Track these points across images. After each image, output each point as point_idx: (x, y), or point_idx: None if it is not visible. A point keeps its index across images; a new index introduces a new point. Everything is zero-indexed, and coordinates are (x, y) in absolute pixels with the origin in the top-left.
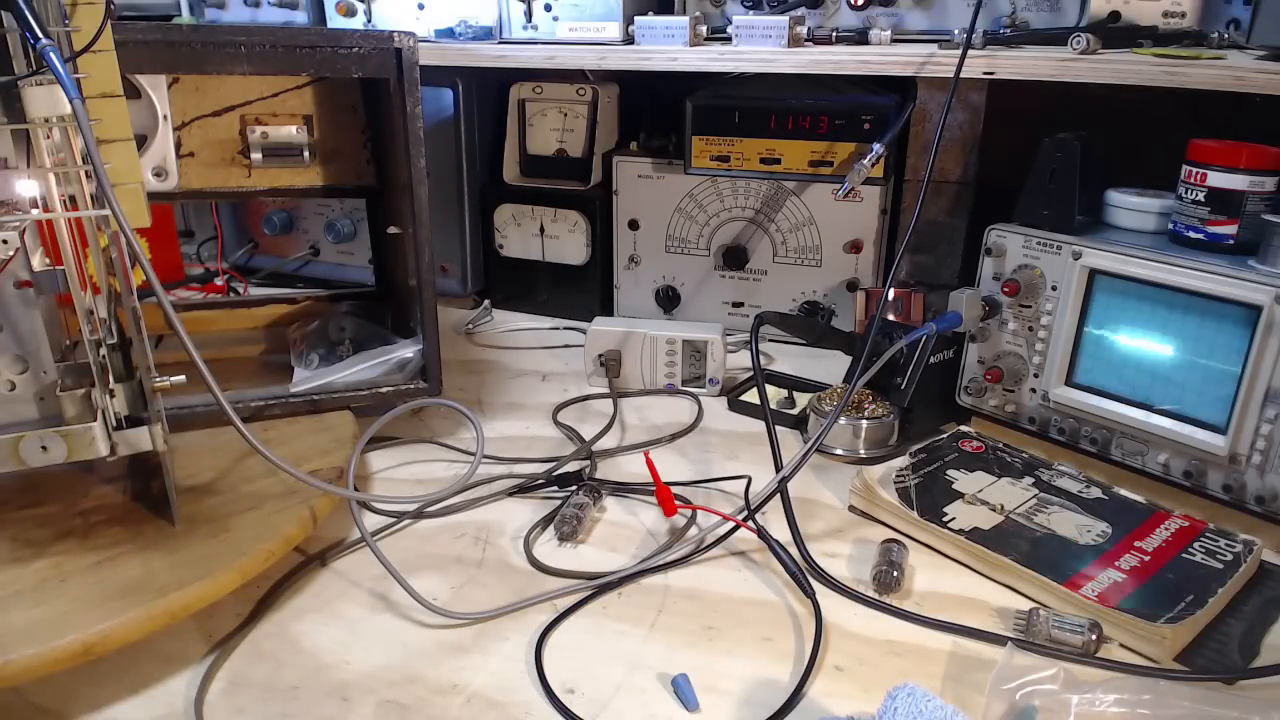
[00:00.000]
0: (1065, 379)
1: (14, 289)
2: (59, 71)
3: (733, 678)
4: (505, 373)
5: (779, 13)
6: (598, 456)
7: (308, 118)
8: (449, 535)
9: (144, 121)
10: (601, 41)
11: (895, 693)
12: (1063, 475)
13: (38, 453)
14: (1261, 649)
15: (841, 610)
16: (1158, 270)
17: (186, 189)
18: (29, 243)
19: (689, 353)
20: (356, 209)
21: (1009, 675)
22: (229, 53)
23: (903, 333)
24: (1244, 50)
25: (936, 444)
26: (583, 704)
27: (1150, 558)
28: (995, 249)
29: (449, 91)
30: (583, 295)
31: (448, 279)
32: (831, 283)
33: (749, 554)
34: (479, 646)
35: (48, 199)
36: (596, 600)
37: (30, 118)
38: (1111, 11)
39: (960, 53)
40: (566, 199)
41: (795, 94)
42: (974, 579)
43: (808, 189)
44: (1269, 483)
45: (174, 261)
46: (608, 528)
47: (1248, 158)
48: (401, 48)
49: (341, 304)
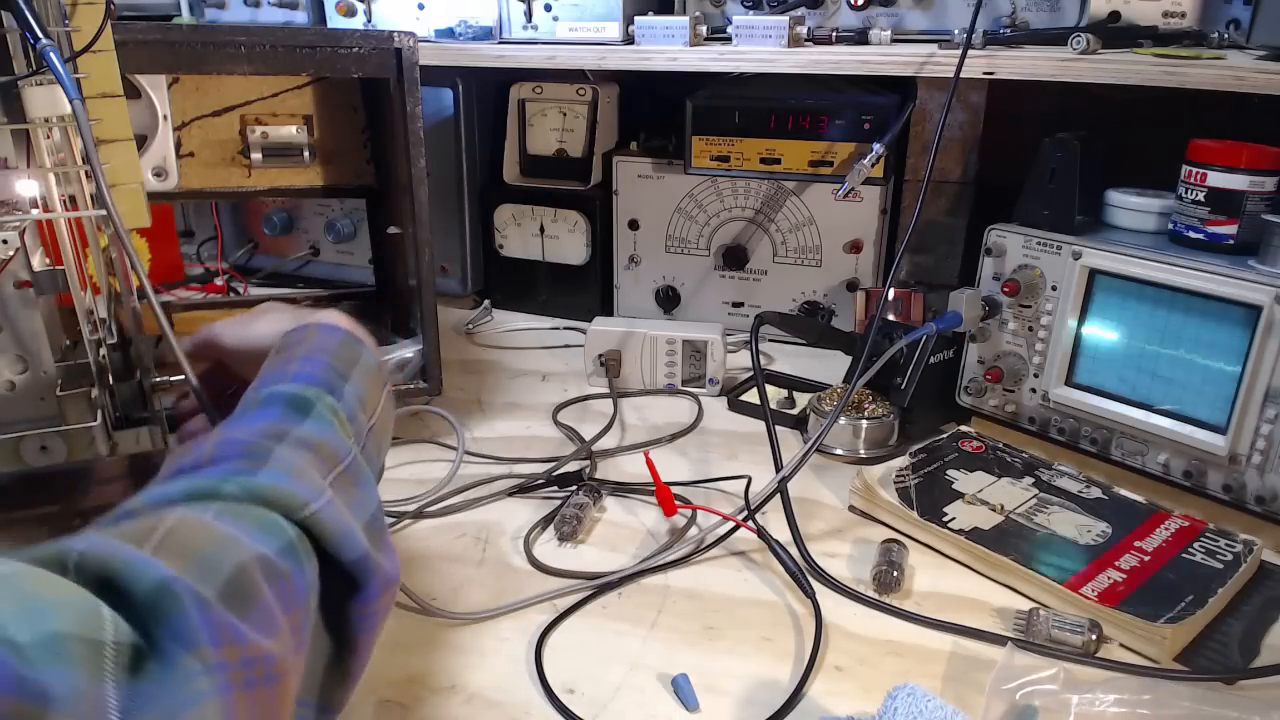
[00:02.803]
0: (1065, 379)
1: (14, 289)
2: (59, 71)
3: (733, 678)
4: (505, 373)
5: (779, 13)
6: (598, 456)
7: (308, 118)
8: (449, 535)
9: (144, 121)
10: (601, 41)
11: (895, 693)
12: (1063, 475)
13: (38, 453)
14: (1261, 649)
15: (841, 610)
16: (1158, 270)
17: (186, 189)
18: (29, 243)
19: (689, 353)
20: (356, 209)
21: (1009, 675)
22: (229, 53)
23: (903, 333)
24: (1244, 50)
25: (936, 444)
26: (583, 704)
27: (1150, 558)
28: (995, 249)
29: (449, 91)
30: (583, 295)
31: (448, 279)
32: (831, 283)
33: (749, 554)
34: (479, 646)
35: (48, 199)
36: (596, 600)
37: (30, 118)
38: (1111, 11)
39: (960, 53)
40: (566, 199)
41: (795, 94)
42: (974, 579)
43: (808, 189)
44: (1269, 483)
45: (174, 261)
46: (608, 528)
47: (1248, 158)
48: (401, 48)
49: (341, 304)
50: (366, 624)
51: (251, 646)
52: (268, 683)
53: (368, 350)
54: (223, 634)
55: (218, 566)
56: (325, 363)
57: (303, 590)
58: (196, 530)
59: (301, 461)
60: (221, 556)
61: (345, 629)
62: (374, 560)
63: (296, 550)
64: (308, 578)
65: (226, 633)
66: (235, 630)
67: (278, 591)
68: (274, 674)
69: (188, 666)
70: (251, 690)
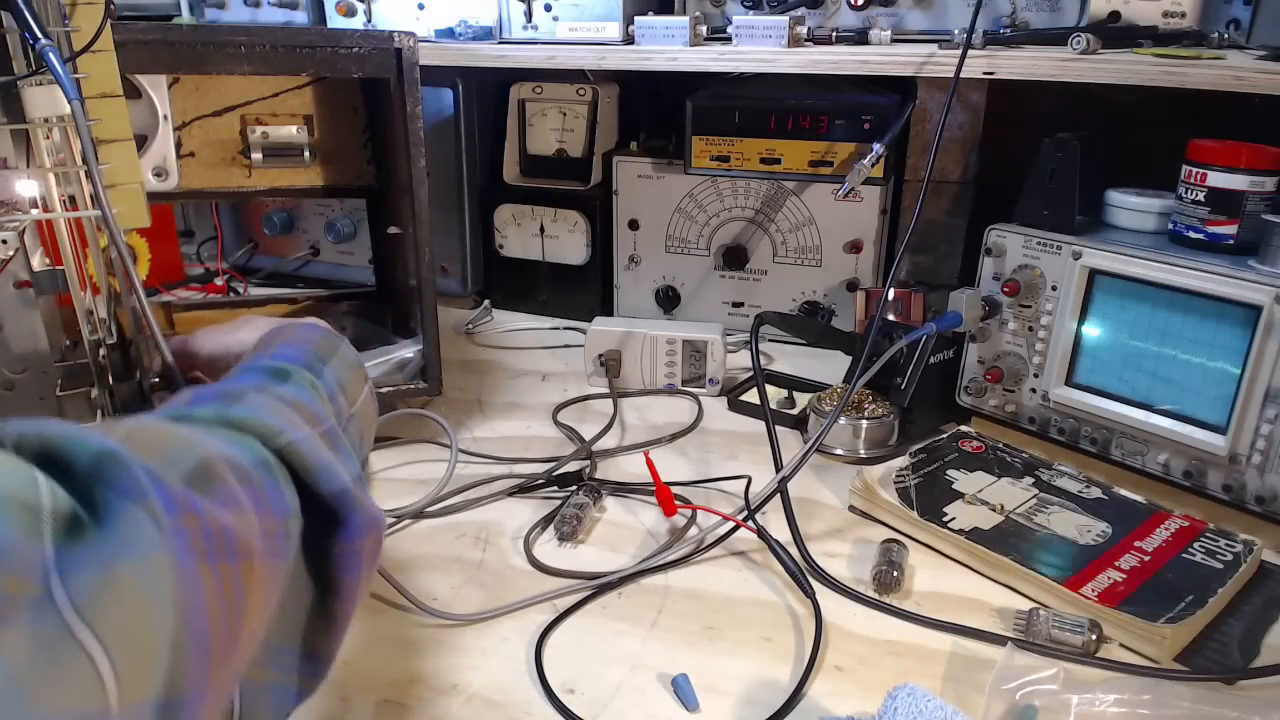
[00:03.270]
0: (1065, 379)
1: (14, 289)
2: (58, 72)
3: (733, 678)
4: (505, 373)
5: (779, 13)
6: (598, 456)
7: (308, 118)
8: (449, 535)
9: (144, 121)
10: (601, 41)
11: (895, 693)
12: (1063, 475)
13: None
14: (1261, 649)
15: (841, 610)
16: (1158, 270)
17: (187, 189)
18: (29, 243)
19: (689, 353)
20: (356, 209)
21: (1009, 675)
22: (229, 53)
23: (903, 333)
24: (1244, 50)
25: (936, 444)
26: (583, 704)
27: (1150, 558)
28: (995, 249)
29: (449, 91)
30: (583, 295)
31: (448, 279)
32: (831, 283)
33: (749, 554)
34: (479, 646)
35: (47, 199)
36: (596, 600)
37: (30, 118)
38: (1111, 11)
39: (960, 53)
40: (566, 199)
41: (795, 94)
42: (974, 579)
43: (808, 189)
44: (1269, 483)
45: (174, 261)
46: (608, 528)
47: (1248, 158)
48: (401, 48)
49: (341, 304)
50: (349, 564)
51: (211, 518)
52: (231, 558)
53: (347, 345)
54: (178, 503)
55: (178, 460)
56: (305, 348)
57: (278, 503)
58: (159, 431)
59: (279, 407)
60: (183, 453)
61: (327, 569)
62: (355, 496)
63: (271, 468)
64: (285, 497)
65: (183, 503)
66: (192, 502)
67: (247, 492)
68: (236, 550)
69: (134, 516)
70: (214, 563)
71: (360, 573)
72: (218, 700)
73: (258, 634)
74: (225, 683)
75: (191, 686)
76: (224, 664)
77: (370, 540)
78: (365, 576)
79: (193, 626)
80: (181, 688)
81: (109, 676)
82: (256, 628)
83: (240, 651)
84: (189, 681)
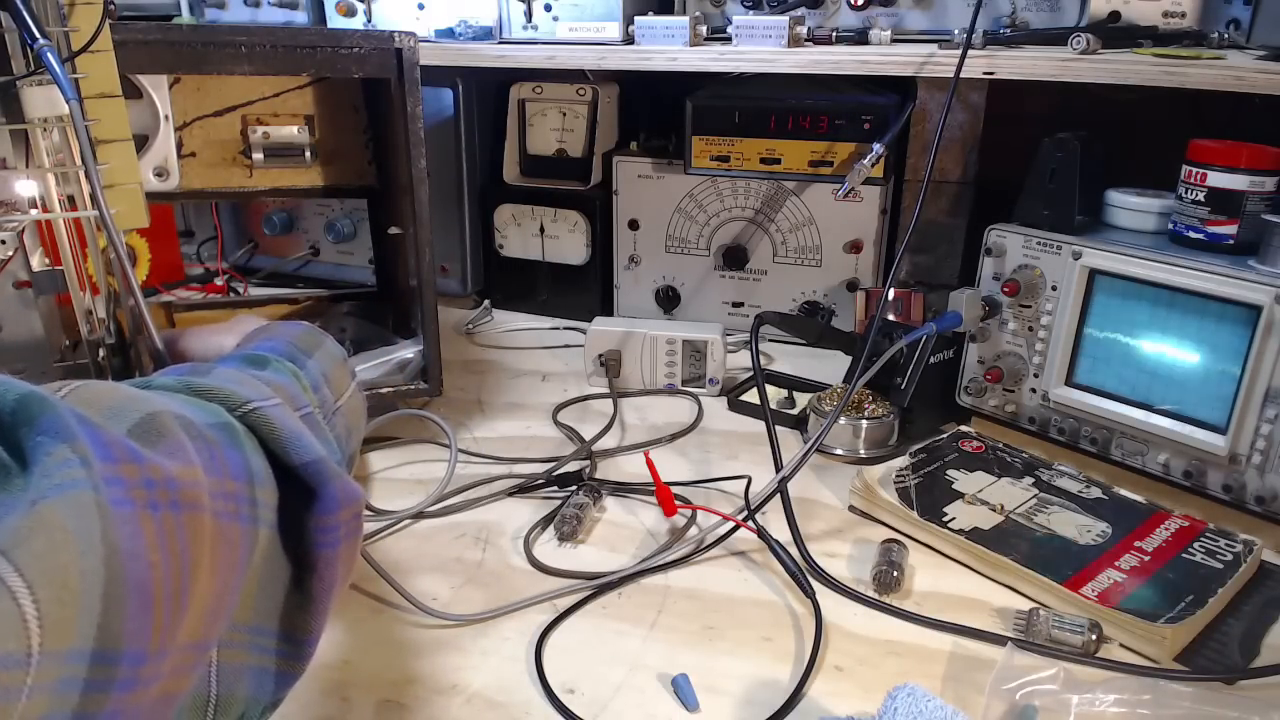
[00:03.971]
0: (1065, 379)
1: (13, 289)
2: (56, 72)
3: (733, 678)
4: (505, 373)
5: (779, 13)
6: (598, 456)
7: (309, 118)
8: (449, 535)
9: (145, 121)
10: (601, 41)
11: (895, 693)
12: (1063, 475)
13: None
14: (1261, 649)
15: (841, 610)
16: (1158, 270)
17: (188, 189)
18: (28, 243)
19: (689, 353)
20: (357, 209)
21: (1009, 675)
22: (229, 53)
23: (903, 333)
24: (1244, 50)
25: (936, 444)
26: (583, 704)
27: (1150, 558)
28: (995, 249)
29: (449, 91)
30: (583, 295)
31: (448, 279)
32: (831, 283)
33: (749, 554)
34: (479, 647)
35: (46, 199)
36: (596, 600)
37: (29, 118)
38: (1111, 11)
39: (960, 53)
40: (566, 199)
41: (795, 94)
42: (974, 579)
43: (808, 189)
44: (1269, 483)
45: (174, 261)
46: (608, 528)
47: (1248, 158)
48: (402, 48)
49: (342, 304)
50: (325, 539)
51: (153, 467)
52: (175, 508)
53: (332, 342)
54: (114, 449)
55: (123, 413)
56: (286, 341)
57: (238, 464)
58: (107, 389)
59: (252, 382)
60: (129, 408)
61: (304, 545)
62: (330, 467)
63: (233, 430)
64: (248, 460)
65: (120, 449)
66: (133, 451)
67: (199, 447)
68: (181, 501)
69: (60, 454)
70: (156, 513)
71: (338, 549)
72: (175, 667)
73: (223, 601)
74: (181, 648)
75: (131, 640)
76: (175, 623)
77: (347, 514)
78: (344, 554)
79: (131, 575)
80: (118, 640)
81: (31, 615)
82: (214, 591)
83: (194, 614)
84: (127, 635)
